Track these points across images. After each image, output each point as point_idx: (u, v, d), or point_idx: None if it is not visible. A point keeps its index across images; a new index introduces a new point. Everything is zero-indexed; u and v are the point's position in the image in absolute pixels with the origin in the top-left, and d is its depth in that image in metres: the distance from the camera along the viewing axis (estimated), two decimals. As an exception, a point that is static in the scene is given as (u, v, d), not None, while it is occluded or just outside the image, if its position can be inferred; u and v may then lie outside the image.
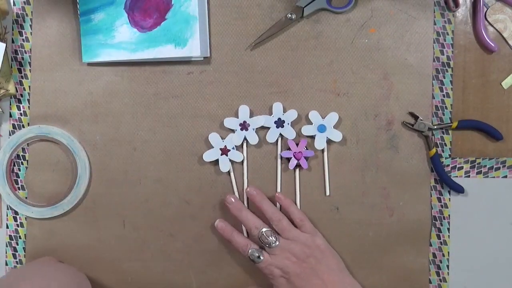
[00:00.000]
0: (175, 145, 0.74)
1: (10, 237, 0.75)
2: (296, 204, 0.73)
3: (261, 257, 0.67)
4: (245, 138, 0.73)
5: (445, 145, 0.73)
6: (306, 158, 0.72)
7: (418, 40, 0.73)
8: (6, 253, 0.75)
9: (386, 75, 0.73)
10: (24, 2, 0.74)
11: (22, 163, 0.75)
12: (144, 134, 0.74)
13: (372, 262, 0.73)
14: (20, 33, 0.74)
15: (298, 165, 0.72)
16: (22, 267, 0.74)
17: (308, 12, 0.72)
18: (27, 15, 0.74)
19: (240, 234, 0.70)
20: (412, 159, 0.73)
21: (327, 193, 0.73)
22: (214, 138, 0.73)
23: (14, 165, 0.75)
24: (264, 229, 0.68)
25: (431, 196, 0.73)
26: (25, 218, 0.75)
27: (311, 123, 0.72)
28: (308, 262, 0.67)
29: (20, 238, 0.75)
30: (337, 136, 0.72)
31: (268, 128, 0.73)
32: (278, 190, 0.73)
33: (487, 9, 0.72)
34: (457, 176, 0.73)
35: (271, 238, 0.67)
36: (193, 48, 0.70)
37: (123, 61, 0.73)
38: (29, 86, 0.74)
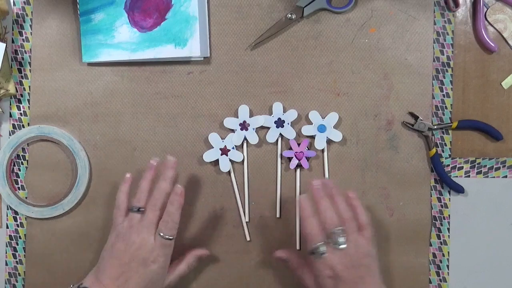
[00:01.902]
0: (175, 145, 0.74)
1: (10, 237, 0.75)
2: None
3: (325, 255, 0.63)
4: (245, 138, 0.73)
5: (445, 145, 0.73)
6: (307, 158, 0.72)
7: (418, 40, 0.73)
8: (6, 253, 0.75)
9: (386, 75, 0.73)
10: (24, 2, 0.74)
11: (22, 163, 0.75)
12: (144, 134, 0.74)
13: (372, 262, 0.73)
14: (20, 33, 0.74)
15: (299, 165, 0.72)
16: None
17: (308, 12, 0.72)
18: (27, 15, 0.74)
19: (317, 222, 0.64)
20: (412, 159, 0.73)
21: (327, 193, 0.73)
22: (214, 138, 0.73)
23: (14, 165, 0.75)
24: (339, 228, 0.63)
25: (431, 196, 0.73)
26: (25, 218, 0.75)
27: (311, 123, 0.72)
28: (359, 270, 0.63)
29: (20, 238, 0.75)
30: (337, 136, 0.72)
31: (268, 128, 0.73)
32: (278, 190, 0.73)
33: (487, 9, 0.72)
34: (457, 176, 0.73)
35: (341, 239, 0.63)
36: (193, 48, 0.70)
37: (123, 61, 0.73)
38: (29, 86, 0.74)
